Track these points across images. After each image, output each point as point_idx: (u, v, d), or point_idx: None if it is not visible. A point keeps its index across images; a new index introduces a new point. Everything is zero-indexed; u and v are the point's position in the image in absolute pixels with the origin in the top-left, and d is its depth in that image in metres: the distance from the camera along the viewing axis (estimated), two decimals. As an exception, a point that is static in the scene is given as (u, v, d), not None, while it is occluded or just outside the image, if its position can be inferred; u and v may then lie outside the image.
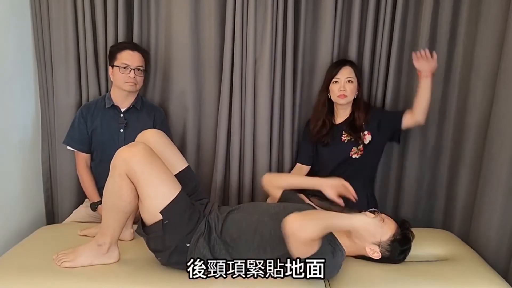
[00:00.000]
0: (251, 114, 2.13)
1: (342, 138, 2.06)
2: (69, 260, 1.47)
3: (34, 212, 2.18)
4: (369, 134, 2.01)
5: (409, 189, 2.16)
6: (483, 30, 1.81)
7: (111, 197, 1.42)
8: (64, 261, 1.47)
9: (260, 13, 2.06)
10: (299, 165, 2.19)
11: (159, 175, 1.40)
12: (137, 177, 1.37)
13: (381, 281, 1.45)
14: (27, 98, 2.11)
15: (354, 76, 1.99)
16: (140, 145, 1.42)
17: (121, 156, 1.38)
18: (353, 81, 1.98)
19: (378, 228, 1.46)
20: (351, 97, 2.00)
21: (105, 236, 1.47)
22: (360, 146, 2.02)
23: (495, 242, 1.65)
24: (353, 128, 2.02)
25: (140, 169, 1.36)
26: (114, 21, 2.10)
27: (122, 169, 1.37)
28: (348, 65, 2.00)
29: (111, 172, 1.40)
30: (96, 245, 1.48)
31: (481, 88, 1.82)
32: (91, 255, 1.48)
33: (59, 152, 2.16)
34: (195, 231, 1.45)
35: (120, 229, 1.48)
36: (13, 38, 1.98)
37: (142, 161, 1.37)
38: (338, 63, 2.03)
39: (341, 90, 1.97)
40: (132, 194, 1.40)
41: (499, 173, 1.62)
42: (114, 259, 1.51)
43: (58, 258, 1.49)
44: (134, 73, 1.94)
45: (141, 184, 1.38)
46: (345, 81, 1.97)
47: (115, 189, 1.40)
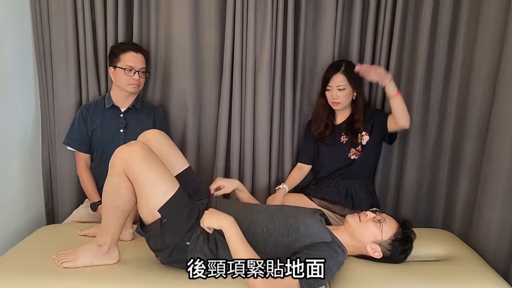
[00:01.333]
0: (251, 114, 2.13)
1: (341, 139, 2.06)
2: (69, 260, 1.47)
3: (34, 212, 2.17)
4: (366, 135, 2.01)
5: (409, 189, 2.16)
6: (483, 30, 1.81)
7: (110, 196, 1.43)
8: (64, 261, 1.47)
9: (260, 13, 2.06)
10: (300, 164, 2.19)
11: (157, 174, 1.40)
12: (135, 175, 1.37)
13: (381, 280, 1.45)
14: (27, 98, 2.11)
15: (347, 83, 1.96)
16: (138, 143, 1.43)
17: (120, 154, 1.39)
18: (345, 88, 1.96)
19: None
20: (345, 102, 1.99)
21: (105, 236, 1.47)
22: (358, 147, 2.02)
23: (495, 242, 1.65)
24: (351, 129, 2.03)
25: (139, 168, 1.36)
26: (114, 21, 2.10)
27: (121, 167, 1.37)
28: (340, 72, 1.96)
29: (110, 170, 1.41)
30: (96, 245, 1.48)
31: (481, 88, 1.82)
32: (91, 255, 1.48)
33: (59, 152, 2.16)
34: (195, 229, 1.45)
35: (120, 229, 1.49)
36: (13, 38, 1.98)
37: (141, 159, 1.37)
38: (331, 69, 2.01)
39: (333, 98, 1.97)
40: (130, 192, 1.41)
41: (499, 173, 1.62)
42: (114, 259, 1.51)
43: (58, 258, 1.49)
44: (138, 75, 1.95)
45: (140, 182, 1.38)
46: (336, 90, 1.96)
47: (113, 187, 1.40)
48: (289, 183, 2.13)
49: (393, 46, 2.04)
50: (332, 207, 2.03)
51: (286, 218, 1.50)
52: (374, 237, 1.52)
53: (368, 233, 1.53)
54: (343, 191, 2.03)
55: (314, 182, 2.16)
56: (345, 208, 2.01)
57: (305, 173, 2.19)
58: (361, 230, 1.53)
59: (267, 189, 2.20)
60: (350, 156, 2.04)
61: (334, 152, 2.08)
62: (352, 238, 1.54)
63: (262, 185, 2.20)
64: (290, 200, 2.02)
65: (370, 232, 1.52)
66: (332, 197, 2.03)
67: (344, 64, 1.99)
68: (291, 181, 2.15)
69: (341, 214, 2.02)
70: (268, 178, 2.20)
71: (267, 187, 2.20)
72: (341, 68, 1.97)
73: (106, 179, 1.43)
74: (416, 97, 2.04)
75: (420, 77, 2.02)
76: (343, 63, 2.00)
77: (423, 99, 2.05)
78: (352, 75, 1.96)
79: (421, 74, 2.01)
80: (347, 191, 2.03)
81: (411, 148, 2.11)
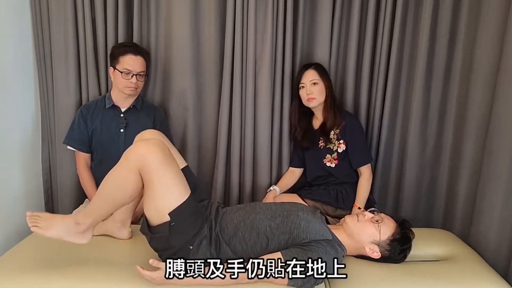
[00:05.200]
0: (251, 114, 2.13)
1: (319, 143, 2.06)
2: (41, 227, 1.39)
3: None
4: (344, 143, 2.00)
5: (409, 189, 2.16)
6: (483, 30, 1.81)
7: (112, 187, 1.39)
8: (36, 226, 1.39)
9: (261, 13, 2.05)
10: (292, 168, 2.20)
11: (172, 177, 1.38)
12: (151, 175, 1.33)
13: (381, 280, 1.45)
14: (27, 98, 2.11)
15: (319, 77, 1.98)
16: (158, 143, 1.39)
17: (139, 151, 1.34)
18: (318, 83, 1.97)
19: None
20: (320, 98, 1.98)
21: (87, 217, 1.42)
22: (334, 154, 2.02)
23: (495, 242, 1.65)
24: (324, 131, 2.02)
25: (156, 168, 1.33)
26: (114, 21, 2.10)
27: (136, 164, 1.33)
28: (311, 68, 1.99)
29: (121, 163, 1.36)
30: (74, 222, 1.41)
31: (481, 88, 1.81)
32: (65, 230, 1.40)
33: (59, 152, 2.16)
34: (199, 234, 1.45)
35: (105, 217, 1.45)
36: (13, 38, 1.97)
37: (160, 159, 1.34)
38: (301, 68, 2.03)
39: (308, 93, 1.97)
40: (137, 190, 1.38)
41: (499, 173, 1.62)
42: (86, 240, 1.44)
43: (31, 220, 1.41)
44: (136, 79, 1.95)
45: (154, 183, 1.35)
46: (310, 84, 1.97)
47: (119, 179, 1.37)
48: (281, 186, 2.14)
49: (393, 46, 2.04)
50: (325, 208, 2.03)
51: (288, 215, 1.49)
52: (372, 238, 1.52)
53: (366, 233, 1.53)
54: (333, 193, 2.04)
55: (308, 184, 2.18)
56: (337, 209, 2.01)
57: (297, 176, 2.20)
58: (359, 231, 1.54)
59: (268, 188, 2.19)
60: (326, 163, 2.04)
61: (313, 157, 2.09)
62: (350, 238, 1.54)
63: (263, 185, 2.20)
64: (284, 200, 2.03)
65: (368, 233, 1.53)
66: (323, 198, 2.04)
67: (314, 64, 2.03)
68: (283, 184, 2.16)
69: (333, 216, 2.02)
70: (269, 178, 2.20)
71: (267, 187, 2.19)
72: (311, 65, 2.01)
73: (114, 168, 1.38)
74: (416, 97, 2.04)
75: (420, 77, 2.02)
76: (313, 64, 2.03)
77: (423, 99, 2.05)
78: (323, 72, 2.00)
79: (421, 74, 2.01)
80: (337, 193, 2.03)
81: (411, 148, 2.11)
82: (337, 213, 2.00)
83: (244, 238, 1.44)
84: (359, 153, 2.00)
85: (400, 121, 2.14)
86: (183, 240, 1.42)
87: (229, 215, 1.53)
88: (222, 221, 1.50)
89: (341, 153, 2.01)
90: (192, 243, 1.43)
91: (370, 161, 2.03)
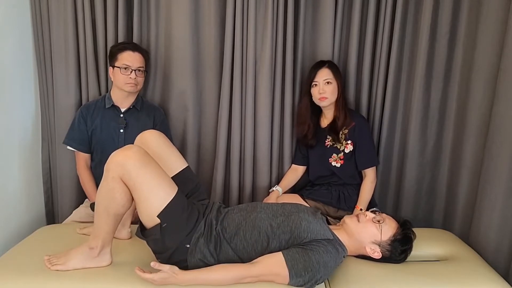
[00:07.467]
0: (251, 114, 2.13)
1: (326, 142, 2.05)
2: (60, 263, 1.45)
3: (34, 212, 2.18)
4: (351, 144, 2.00)
5: (409, 189, 2.16)
6: (483, 30, 1.81)
7: (104, 200, 1.40)
8: (55, 264, 1.45)
9: (261, 13, 2.05)
10: (295, 166, 2.19)
11: (154, 178, 1.39)
12: (132, 180, 1.35)
13: (381, 281, 1.45)
14: (27, 98, 2.11)
15: (333, 77, 1.97)
16: (134, 148, 1.40)
17: (115, 159, 1.36)
18: (331, 82, 1.96)
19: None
20: (332, 98, 1.97)
21: (97, 239, 1.45)
22: (341, 154, 2.01)
23: (495, 242, 1.65)
24: (334, 129, 2.01)
25: (135, 173, 1.34)
26: (114, 21, 2.10)
27: (116, 172, 1.35)
28: (325, 67, 1.98)
29: (104, 175, 1.38)
30: (88, 248, 1.46)
31: (481, 88, 1.82)
32: (83, 258, 1.46)
33: (59, 152, 2.16)
34: (195, 231, 1.45)
35: (112, 232, 1.47)
36: (13, 37, 1.98)
37: (137, 164, 1.35)
38: (316, 66, 2.01)
39: (320, 92, 1.96)
40: (126, 197, 1.39)
41: (499, 173, 1.62)
42: (106, 262, 1.49)
43: (50, 261, 1.47)
44: (135, 74, 1.94)
45: (137, 187, 1.36)
46: (323, 83, 1.96)
47: (108, 192, 1.38)
48: (283, 185, 2.13)
49: (393, 46, 2.04)
50: (327, 208, 2.03)
51: (289, 215, 1.49)
52: (373, 238, 1.52)
53: (367, 233, 1.53)
54: (335, 194, 2.03)
55: (310, 184, 2.17)
56: (338, 210, 2.01)
57: (300, 174, 2.19)
58: (359, 231, 1.54)
59: (268, 189, 2.19)
60: (332, 163, 2.03)
61: (319, 156, 2.08)
62: (351, 238, 1.54)
63: (262, 185, 2.20)
64: (285, 201, 2.02)
65: (369, 233, 1.53)
66: (324, 198, 2.03)
67: (328, 62, 2.01)
68: (286, 183, 2.16)
69: (335, 216, 2.02)
70: (269, 178, 2.20)
71: (267, 187, 2.20)
72: (326, 63, 1.99)
73: (101, 183, 1.40)
74: (416, 97, 2.04)
75: (420, 77, 2.02)
76: (327, 61, 2.02)
77: (423, 99, 2.05)
78: (337, 71, 1.99)
79: (421, 74, 2.01)
80: (339, 194, 2.03)
81: (411, 148, 2.11)
82: (338, 214, 2.00)
83: (245, 237, 1.44)
84: (366, 154, 2.00)
85: (400, 121, 2.14)
86: (178, 239, 1.42)
87: (230, 214, 1.53)
88: (223, 220, 1.50)
89: (348, 153, 2.00)
90: (188, 242, 1.43)
91: (376, 163, 2.03)
